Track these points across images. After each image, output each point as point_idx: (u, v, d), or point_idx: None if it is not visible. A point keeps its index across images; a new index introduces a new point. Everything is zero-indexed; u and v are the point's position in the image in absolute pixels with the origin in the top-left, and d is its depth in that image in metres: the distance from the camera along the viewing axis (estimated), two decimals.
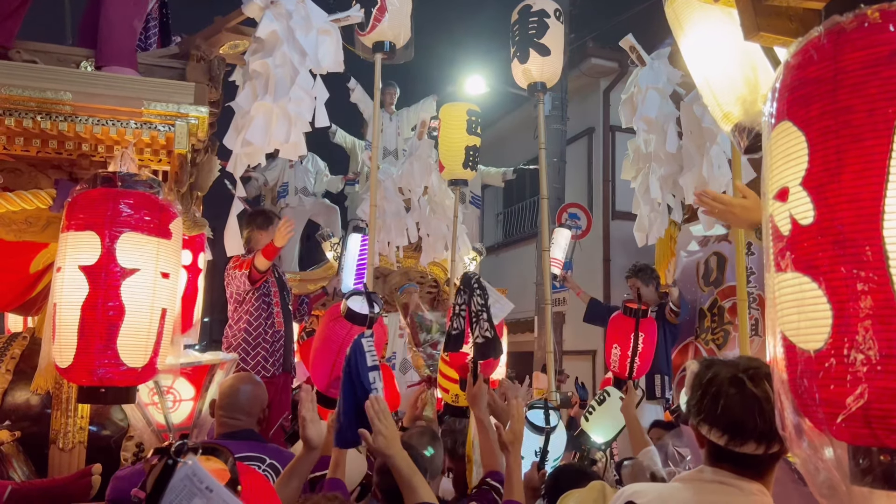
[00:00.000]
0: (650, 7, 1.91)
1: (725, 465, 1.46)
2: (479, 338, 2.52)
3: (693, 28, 1.97)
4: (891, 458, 0.86)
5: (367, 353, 2.04)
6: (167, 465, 1.22)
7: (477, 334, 2.53)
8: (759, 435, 1.39)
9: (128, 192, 2.14)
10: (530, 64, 4.16)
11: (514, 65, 4.27)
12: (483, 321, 2.55)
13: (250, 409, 2.48)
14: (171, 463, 1.22)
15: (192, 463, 1.23)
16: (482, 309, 2.57)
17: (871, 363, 0.85)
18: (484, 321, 2.55)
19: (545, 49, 4.15)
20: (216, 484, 1.22)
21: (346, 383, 2.04)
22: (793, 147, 0.96)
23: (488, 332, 2.53)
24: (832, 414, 0.90)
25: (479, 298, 2.59)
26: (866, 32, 0.90)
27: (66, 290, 2.06)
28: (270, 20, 3.06)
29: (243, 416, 2.46)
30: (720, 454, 1.46)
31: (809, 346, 0.92)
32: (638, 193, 4.36)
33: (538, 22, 4.19)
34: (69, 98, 2.65)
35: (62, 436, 2.82)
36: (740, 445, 1.41)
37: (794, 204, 0.95)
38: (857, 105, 0.88)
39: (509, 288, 8.03)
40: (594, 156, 10.47)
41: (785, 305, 0.97)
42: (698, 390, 1.50)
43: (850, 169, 0.88)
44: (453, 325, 2.72)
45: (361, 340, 2.06)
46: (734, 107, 1.93)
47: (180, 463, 1.22)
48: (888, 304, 0.85)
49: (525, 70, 4.20)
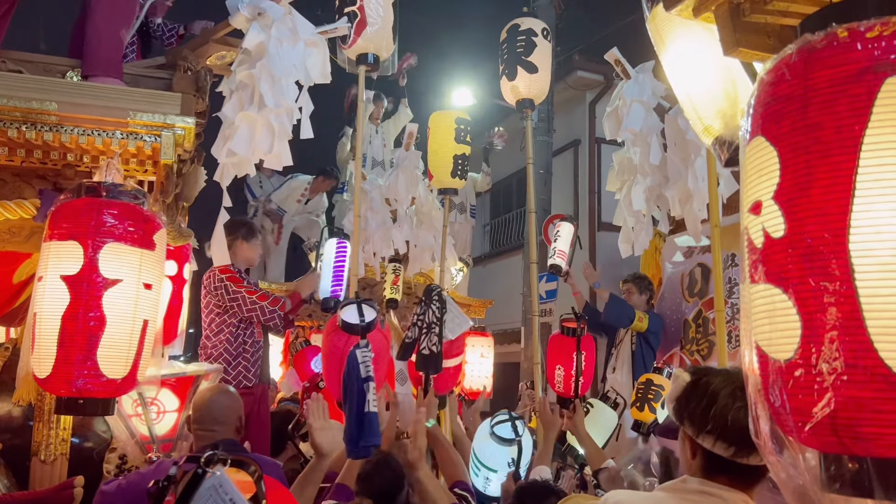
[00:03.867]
0: (636, 21, 1.95)
1: (721, 476, 1.47)
2: (425, 349, 2.54)
3: (674, 43, 2.00)
4: (859, 465, 0.88)
5: (361, 364, 2.05)
6: (196, 473, 1.26)
7: (424, 346, 2.54)
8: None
9: (112, 202, 2.14)
10: (518, 81, 4.24)
11: (503, 82, 4.36)
12: (433, 334, 2.56)
13: (225, 418, 2.41)
14: (200, 472, 1.26)
15: (220, 474, 1.27)
16: (435, 322, 2.58)
17: (837, 373, 0.87)
18: (434, 335, 2.56)
19: (533, 67, 4.24)
20: (240, 497, 1.27)
21: (346, 395, 2.06)
22: (765, 162, 0.98)
23: (435, 346, 2.54)
24: (802, 422, 0.92)
25: (435, 311, 2.59)
26: (835, 51, 0.92)
27: (47, 300, 2.05)
28: (257, 31, 3.06)
29: (219, 427, 2.39)
30: (719, 465, 1.47)
31: (780, 355, 0.95)
32: (623, 205, 4.39)
33: (526, 41, 4.28)
34: (54, 108, 2.64)
35: (44, 448, 2.79)
36: (747, 457, 1.43)
37: (766, 217, 0.97)
38: (825, 122, 0.91)
39: (496, 299, 8.05)
40: (580, 168, 10.53)
41: (758, 316, 0.99)
42: (697, 402, 1.50)
43: (818, 184, 0.90)
44: (408, 334, 2.73)
45: (356, 352, 2.08)
46: (715, 120, 1.96)
47: (209, 473, 1.26)
48: (853, 316, 0.87)
49: (513, 87, 4.28)
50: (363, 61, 3.74)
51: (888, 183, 0.87)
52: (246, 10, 3.09)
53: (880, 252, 0.86)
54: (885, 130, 0.87)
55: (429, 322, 2.60)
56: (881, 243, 0.86)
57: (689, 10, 1.53)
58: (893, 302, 0.85)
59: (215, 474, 1.25)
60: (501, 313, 9.14)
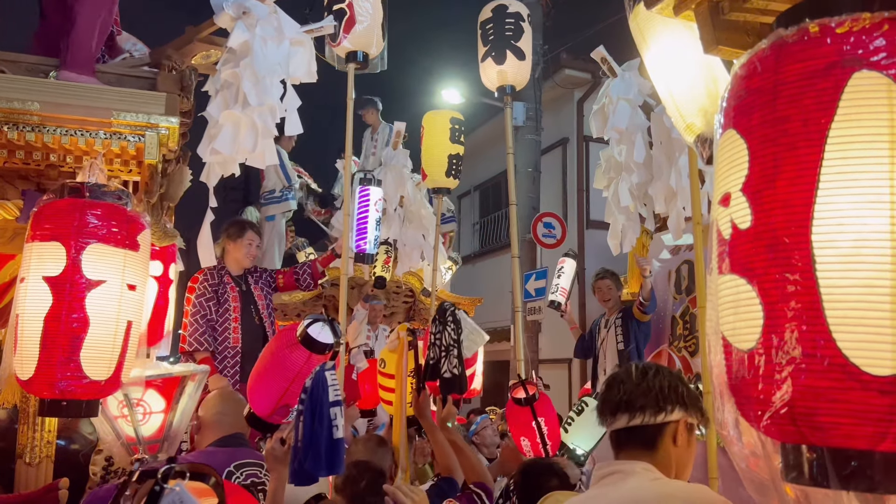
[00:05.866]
0: (622, 19, 1.95)
1: (621, 452, 1.62)
2: (446, 373, 2.52)
3: (656, 41, 2.01)
4: (817, 455, 0.89)
5: (331, 387, 1.95)
6: (154, 491, 1.19)
7: (445, 369, 2.52)
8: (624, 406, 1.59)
9: (95, 202, 2.12)
10: (507, 66, 4.13)
11: (488, 64, 4.19)
12: (453, 357, 2.54)
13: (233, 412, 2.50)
14: (157, 489, 1.19)
15: (179, 489, 1.20)
16: (453, 344, 2.56)
17: (796, 362, 0.88)
18: (454, 357, 2.54)
19: (521, 53, 4.14)
20: None
21: (306, 418, 1.95)
22: (736, 154, 0.99)
23: (456, 369, 2.52)
24: (762, 411, 0.93)
25: (451, 332, 2.57)
26: (805, 45, 0.93)
27: (29, 301, 2.03)
28: (242, 30, 3.05)
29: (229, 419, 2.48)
30: (614, 443, 1.64)
31: (743, 345, 0.96)
32: (611, 203, 4.40)
33: (514, 25, 4.16)
34: (37, 108, 2.62)
35: (29, 450, 2.77)
36: (612, 424, 1.61)
37: (734, 209, 0.98)
38: (793, 115, 0.92)
39: (486, 297, 8.06)
40: (568, 166, 10.57)
41: (724, 306, 1.00)
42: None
43: (784, 176, 0.91)
44: (430, 354, 2.70)
45: (325, 374, 1.97)
46: (696, 118, 1.97)
47: (167, 490, 1.20)
48: (813, 307, 0.88)
49: (500, 72, 4.15)
50: (352, 59, 3.73)
51: (851, 176, 0.88)
52: (231, 9, 3.08)
53: (842, 244, 0.87)
54: (850, 124, 0.88)
55: (447, 344, 2.57)
56: (843, 235, 0.87)
57: (669, 8, 1.54)
58: (853, 293, 0.86)
59: (174, 490, 1.19)
60: (491, 311, 9.16)
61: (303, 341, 2.12)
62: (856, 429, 0.85)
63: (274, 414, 2.25)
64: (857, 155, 0.87)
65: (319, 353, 2.12)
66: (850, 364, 0.85)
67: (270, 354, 2.23)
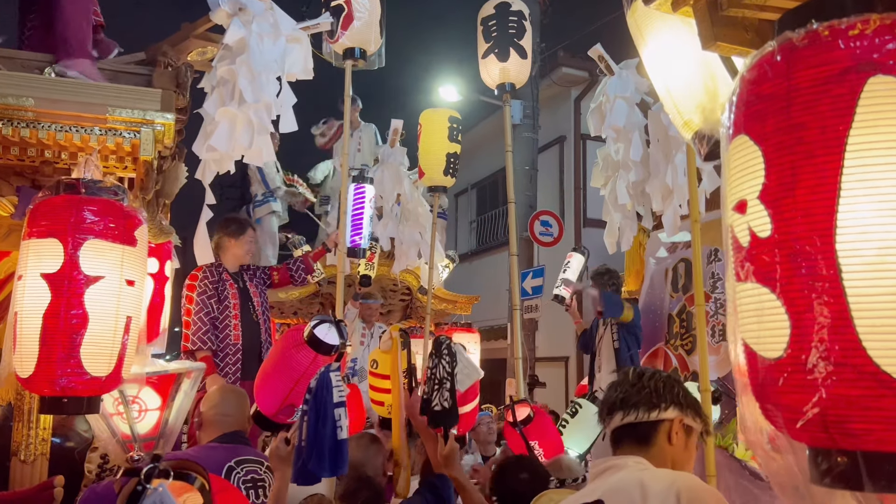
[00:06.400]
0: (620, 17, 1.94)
1: (618, 449, 1.70)
2: (437, 405, 2.51)
3: (654, 38, 2.00)
4: (848, 459, 0.89)
5: (335, 388, 1.98)
6: (136, 491, 1.20)
7: (436, 402, 2.52)
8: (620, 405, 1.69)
9: (92, 198, 2.11)
10: (510, 64, 4.13)
11: (489, 61, 4.18)
12: (444, 390, 2.53)
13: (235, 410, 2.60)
14: (139, 489, 1.20)
15: (161, 490, 1.20)
16: (446, 377, 2.55)
17: (827, 372, 0.88)
18: (445, 390, 2.53)
19: (524, 51, 4.14)
20: None
21: (311, 418, 1.97)
22: (750, 161, 0.98)
23: (447, 402, 2.52)
24: (792, 419, 0.92)
25: (445, 366, 2.57)
26: (817, 50, 0.92)
27: (28, 299, 2.02)
28: (238, 27, 3.05)
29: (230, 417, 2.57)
30: (613, 439, 1.72)
31: (769, 354, 0.95)
32: (608, 201, 4.40)
33: (517, 23, 4.16)
34: (31, 104, 2.61)
35: (24, 448, 2.76)
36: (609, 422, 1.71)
37: (752, 217, 0.97)
38: (809, 122, 0.90)
39: (482, 295, 8.07)
40: (565, 164, 10.58)
41: (745, 314, 0.99)
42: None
43: (803, 184, 0.90)
44: (425, 389, 2.70)
45: (329, 375, 2.00)
46: (694, 114, 1.96)
47: (149, 490, 1.20)
48: (842, 316, 0.87)
49: (503, 69, 4.15)
50: (350, 56, 3.72)
51: (873, 183, 0.87)
52: (227, 6, 3.08)
53: (866, 252, 0.87)
54: (869, 131, 0.87)
55: (440, 377, 2.56)
56: (867, 243, 0.87)
57: (667, 4, 1.53)
58: (880, 301, 0.86)
59: (156, 490, 1.19)
60: (488, 309, 9.17)
61: (309, 342, 2.14)
62: (889, 434, 0.86)
63: (279, 413, 2.27)
64: (877, 162, 0.87)
65: (325, 353, 2.13)
66: (882, 372, 0.85)
67: (277, 354, 2.25)
